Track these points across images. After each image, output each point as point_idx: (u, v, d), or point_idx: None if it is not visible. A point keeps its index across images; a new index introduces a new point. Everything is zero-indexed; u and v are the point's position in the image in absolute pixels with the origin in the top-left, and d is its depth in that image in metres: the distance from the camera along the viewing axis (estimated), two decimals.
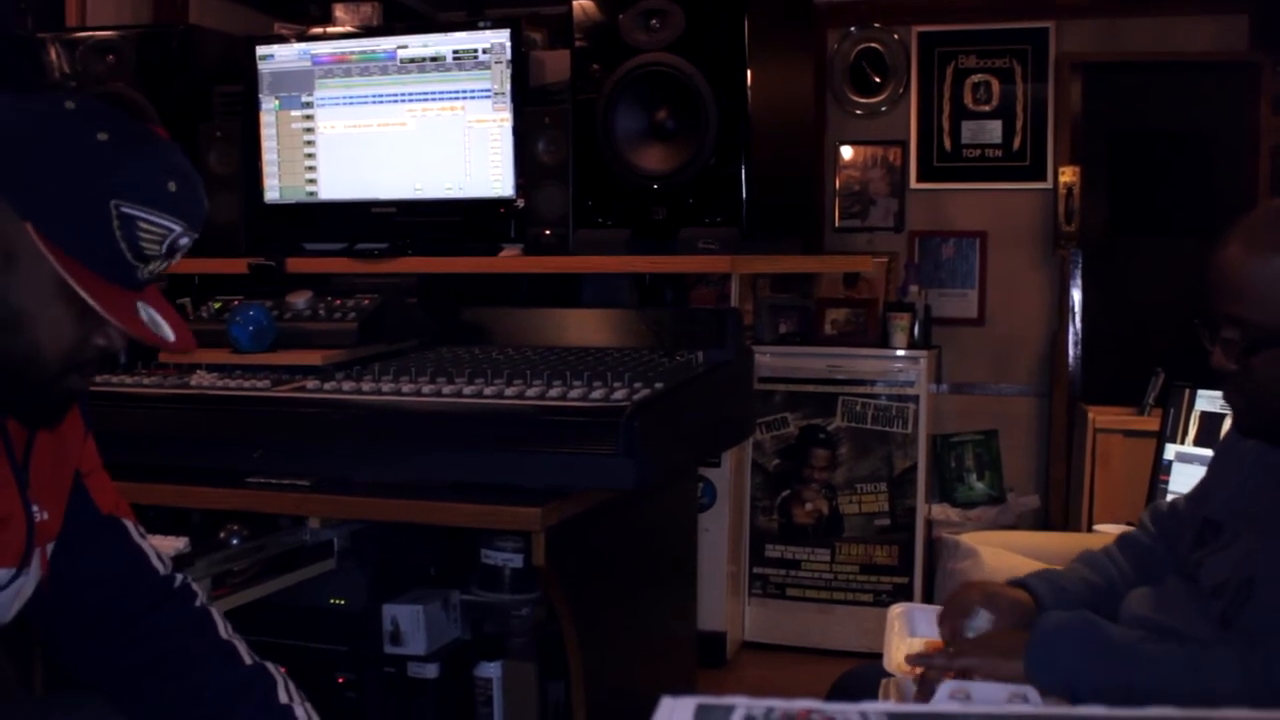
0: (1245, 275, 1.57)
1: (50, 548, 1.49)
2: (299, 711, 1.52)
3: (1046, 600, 1.78)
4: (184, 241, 1.37)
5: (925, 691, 1.62)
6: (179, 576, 1.61)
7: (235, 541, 1.99)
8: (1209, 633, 1.56)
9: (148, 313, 1.37)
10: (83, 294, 1.28)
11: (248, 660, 1.56)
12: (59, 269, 1.28)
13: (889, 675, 1.80)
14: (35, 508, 1.44)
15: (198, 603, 1.59)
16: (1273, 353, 1.56)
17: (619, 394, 1.99)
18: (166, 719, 1.54)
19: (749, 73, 2.44)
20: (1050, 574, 1.88)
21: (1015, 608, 1.77)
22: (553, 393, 2.03)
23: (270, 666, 1.56)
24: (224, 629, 1.58)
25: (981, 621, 1.77)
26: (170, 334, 1.40)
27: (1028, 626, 1.66)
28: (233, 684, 1.53)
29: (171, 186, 1.34)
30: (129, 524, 1.60)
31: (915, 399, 4.64)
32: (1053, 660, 1.55)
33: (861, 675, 1.92)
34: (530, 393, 2.04)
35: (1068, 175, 5.05)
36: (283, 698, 1.53)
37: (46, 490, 1.48)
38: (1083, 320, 5.09)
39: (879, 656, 1.85)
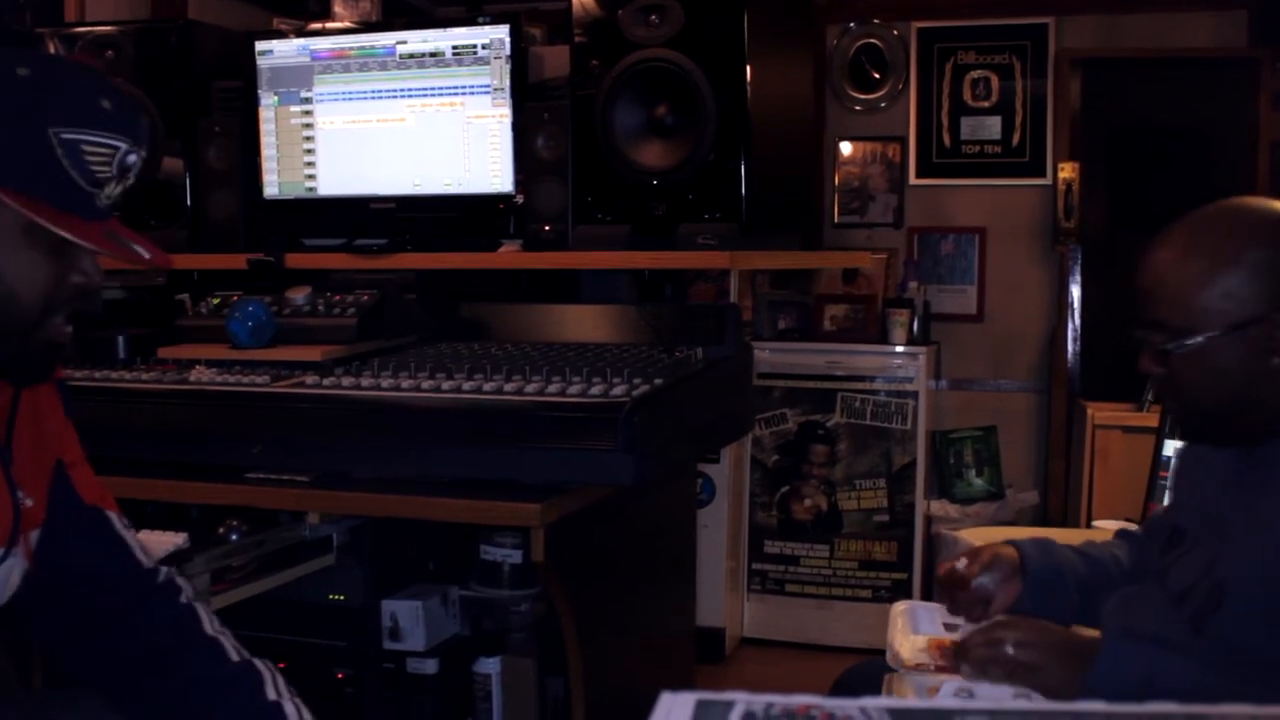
0: (1161, 278, 1.63)
1: (35, 536, 1.48)
2: (288, 708, 1.49)
3: (1031, 557, 1.85)
4: (132, 159, 1.36)
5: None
6: (164, 571, 1.59)
7: (234, 537, 1.99)
8: (1181, 637, 1.57)
9: (117, 238, 1.37)
10: (50, 227, 1.28)
11: (235, 656, 1.53)
12: (20, 210, 1.28)
13: (892, 671, 1.80)
14: (20, 492, 1.44)
15: (183, 598, 1.57)
16: (1189, 354, 1.60)
17: (618, 390, 1.99)
18: (154, 716, 1.52)
19: (748, 69, 2.44)
20: (1044, 541, 1.92)
21: (998, 560, 1.84)
22: (552, 388, 2.03)
23: (259, 662, 1.54)
24: (210, 624, 1.56)
25: (985, 579, 1.83)
26: (145, 251, 1.39)
27: (1014, 577, 1.81)
28: (219, 681, 1.50)
29: (106, 104, 1.33)
30: (113, 515, 1.59)
31: (914, 395, 4.64)
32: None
33: (864, 672, 1.92)
34: (529, 388, 2.04)
35: (1067, 171, 5.05)
36: (271, 694, 1.50)
37: (29, 475, 1.47)
38: (1082, 316, 5.09)
39: (879, 653, 1.85)
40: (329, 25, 2.87)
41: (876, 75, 5.34)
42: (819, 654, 4.58)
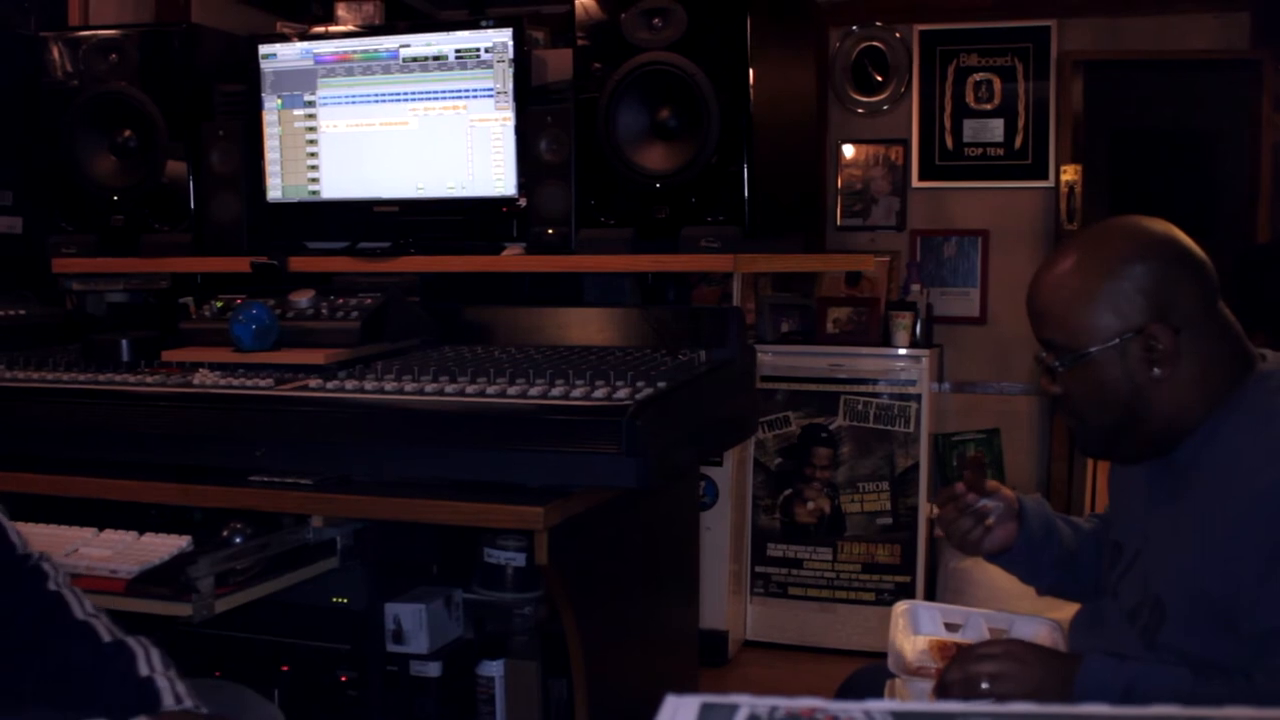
0: (1046, 298, 1.68)
1: None
2: (160, 683, 1.48)
3: (1029, 507, 1.91)
4: None
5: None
6: (33, 556, 1.60)
7: (238, 540, 1.99)
8: (1140, 654, 1.58)
9: None
10: None
11: (107, 637, 1.53)
12: None
13: (894, 676, 1.80)
14: None
15: (50, 585, 1.57)
16: (1077, 370, 1.65)
17: (621, 393, 1.99)
18: (25, 699, 1.52)
19: (751, 72, 2.44)
20: (1040, 499, 1.97)
21: (1000, 494, 1.90)
22: (555, 392, 2.03)
23: (133, 641, 1.53)
24: (80, 609, 1.56)
25: (989, 502, 1.89)
26: None
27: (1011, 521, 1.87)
28: (89, 662, 1.50)
29: None
30: None
31: (917, 398, 4.63)
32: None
33: (870, 675, 1.92)
34: (533, 392, 2.04)
35: (1069, 174, 5.04)
36: (143, 670, 1.49)
37: None
38: None
39: (884, 655, 1.86)
40: (331, 29, 2.88)
41: (879, 78, 5.33)
42: (822, 657, 4.58)
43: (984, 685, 1.54)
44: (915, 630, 1.91)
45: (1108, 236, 1.68)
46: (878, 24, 5.31)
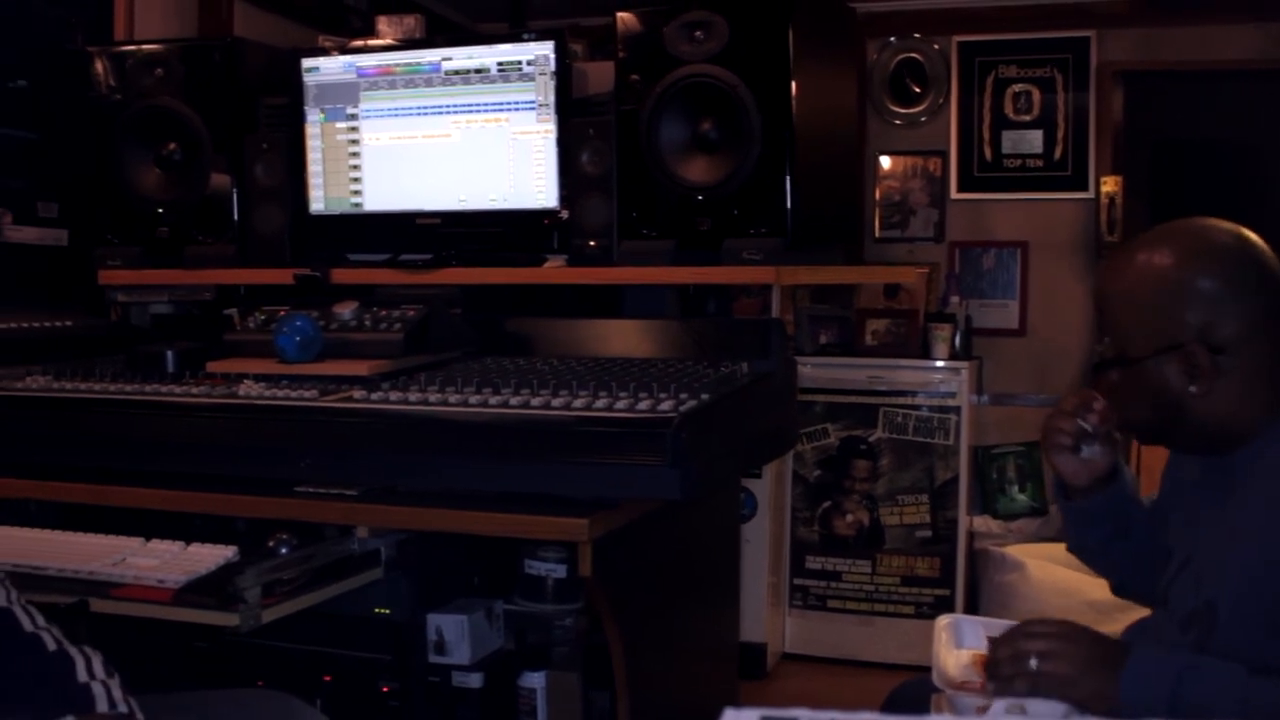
0: (1104, 294, 1.72)
1: None
2: (96, 689, 1.53)
3: (1124, 469, 1.89)
4: None
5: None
6: None
7: (283, 550, 2.00)
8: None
9: None
10: None
11: (52, 647, 1.56)
12: None
13: (939, 690, 1.79)
14: None
15: (1, 602, 1.59)
16: (1121, 370, 1.68)
17: (665, 405, 1.99)
18: None
19: (793, 84, 2.44)
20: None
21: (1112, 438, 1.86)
22: (599, 403, 2.03)
23: (75, 649, 1.57)
24: (30, 623, 1.58)
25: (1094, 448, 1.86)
26: None
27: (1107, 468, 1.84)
28: (32, 671, 1.54)
29: None
30: None
31: (957, 410, 4.62)
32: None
33: (915, 689, 1.91)
34: (576, 403, 2.04)
35: (1110, 185, 5.02)
36: (81, 677, 1.53)
37: None
38: None
39: (922, 669, 1.85)
40: (372, 42, 2.89)
41: (917, 89, 5.32)
42: (861, 670, 4.57)
43: (1032, 663, 1.52)
44: (958, 644, 1.89)
45: (1174, 242, 1.68)
46: (916, 35, 5.30)
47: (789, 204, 2.45)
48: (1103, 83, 5.08)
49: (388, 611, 2.33)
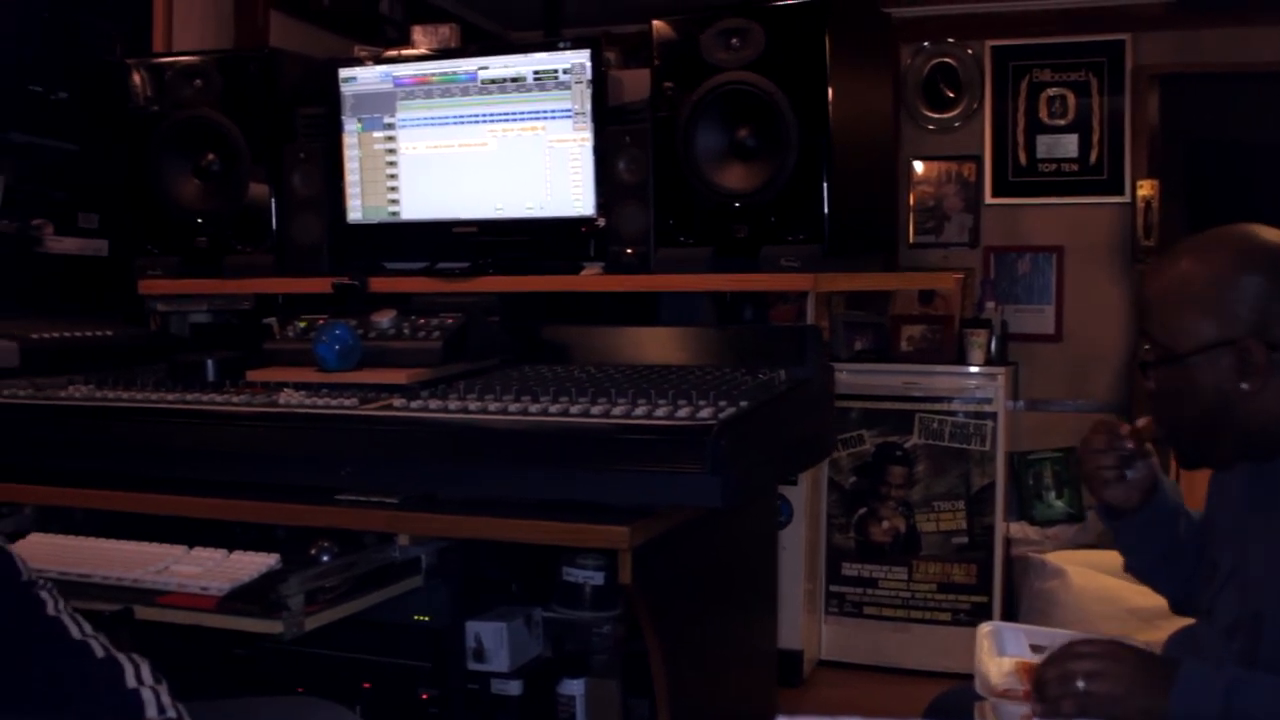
0: (1153, 294, 1.72)
1: None
2: (145, 694, 1.55)
3: (1166, 484, 1.90)
4: None
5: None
6: (35, 584, 1.63)
7: (325, 558, 2.01)
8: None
9: None
10: None
11: (100, 654, 1.58)
12: None
13: (982, 698, 1.78)
14: None
15: (49, 610, 1.61)
16: (1169, 370, 1.68)
17: (704, 412, 1.99)
18: (17, 714, 1.57)
19: (830, 90, 2.44)
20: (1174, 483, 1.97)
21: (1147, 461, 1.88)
22: (638, 411, 2.03)
23: (123, 656, 1.58)
24: (78, 631, 1.60)
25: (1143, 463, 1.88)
26: None
27: (1146, 486, 1.86)
28: (81, 678, 1.55)
29: None
30: None
31: (993, 416, 4.60)
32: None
33: (957, 697, 1.91)
34: (615, 411, 2.04)
35: (1146, 189, 4.99)
36: (130, 682, 1.55)
37: None
38: None
39: (959, 676, 1.84)
40: (405, 52, 2.90)
41: (950, 94, 5.31)
42: (898, 677, 4.55)
43: (1080, 684, 1.52)
44: (1000, 652, 1.88)
45: (1222, 244, 1.69)
46: (949, 40, 5.29)
47: (826, 210, 2.45)
48: (1138, 86, 5.06)
49: (427, 619, 2.34)
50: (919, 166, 5.35)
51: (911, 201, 5.34)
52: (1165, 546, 1.91)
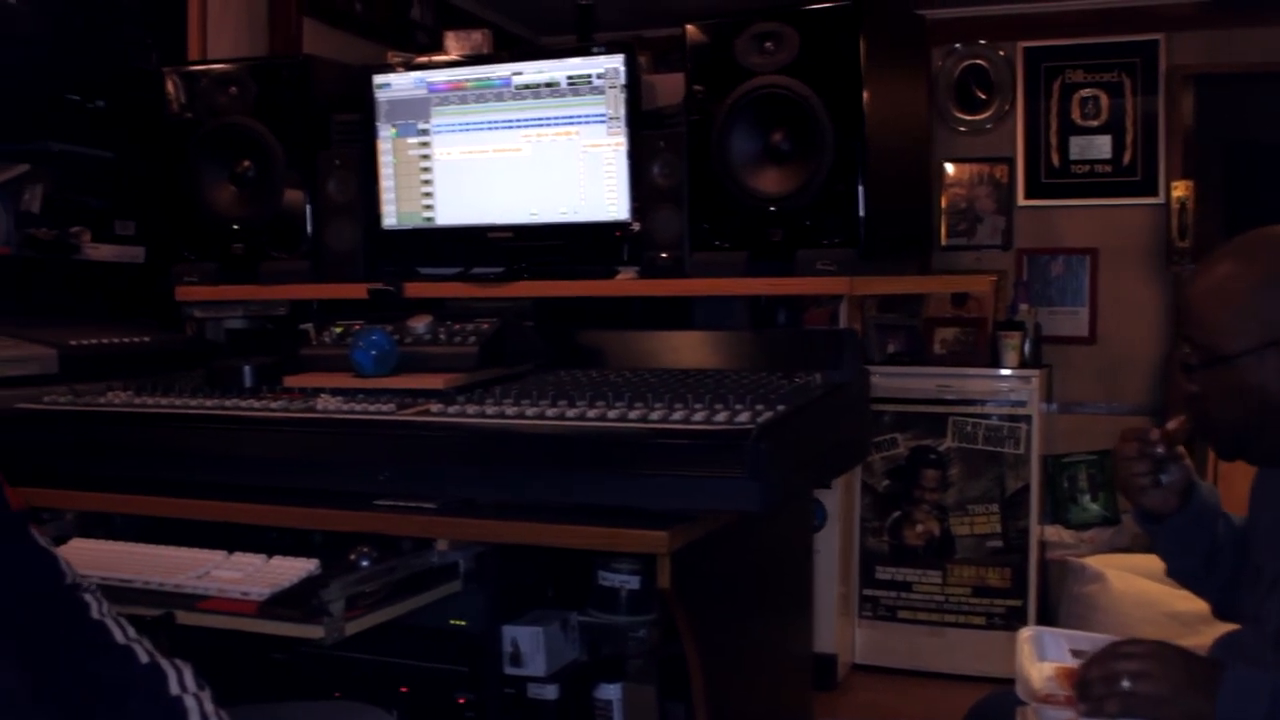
0: (1195, 296, 1.72)
1: None
2: (189, 701, 1.54)
3: (1202, 487, 1.89)
4: None
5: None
6: (80, 586, 1.64)
7: (364, 564, 2.01)
8: None
9: None
10: None
11: (144, 659, 1.58)
12: None
13: (1023, 703, 1.77)
14: None
15: (94, 614, 1.61)
16: (1212, 372, 1.68)
17: (742, 416, 1.98)
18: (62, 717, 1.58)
19: (865, 93, 2.43)
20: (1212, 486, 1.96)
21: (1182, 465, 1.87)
22: (675, 415, 2.03)
23: (166, 662, 1.58)
24: (121, 635, 1.60)
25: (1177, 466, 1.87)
26: None
27: (1181, 491, 1.85)
28: (125, 684, 1.55)
29: None
30: (34, 527, 1.65)
31: (1027, 419, 4.58)
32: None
33: (998, 702, 1.90)
34: (653, 416, 2.04)
35: (1180, 190, 4.96)
36: (174, 689, 1.55)
37: None
38: None
39: (994, 680, 1.84)
40: (435, 58, 2.91)
41: (982, 95, 5.29)
42: (932, 681, 4.53)
43: (1125, 684, 1.51)
44: (1041, 657, 1.88)
45: (1264, 244, 1.69)
46: (981, 42, 5.27)
47: (862, 214, 2.44)
48: (1172, 86, 5.03)
49: (463, 623, 2.34)
50: (950, 168, 5.33)
51: (943, 204, 5.32)
52: (1205, 549, 1.90)
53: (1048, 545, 4.69)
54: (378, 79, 2.90)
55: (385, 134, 2.90)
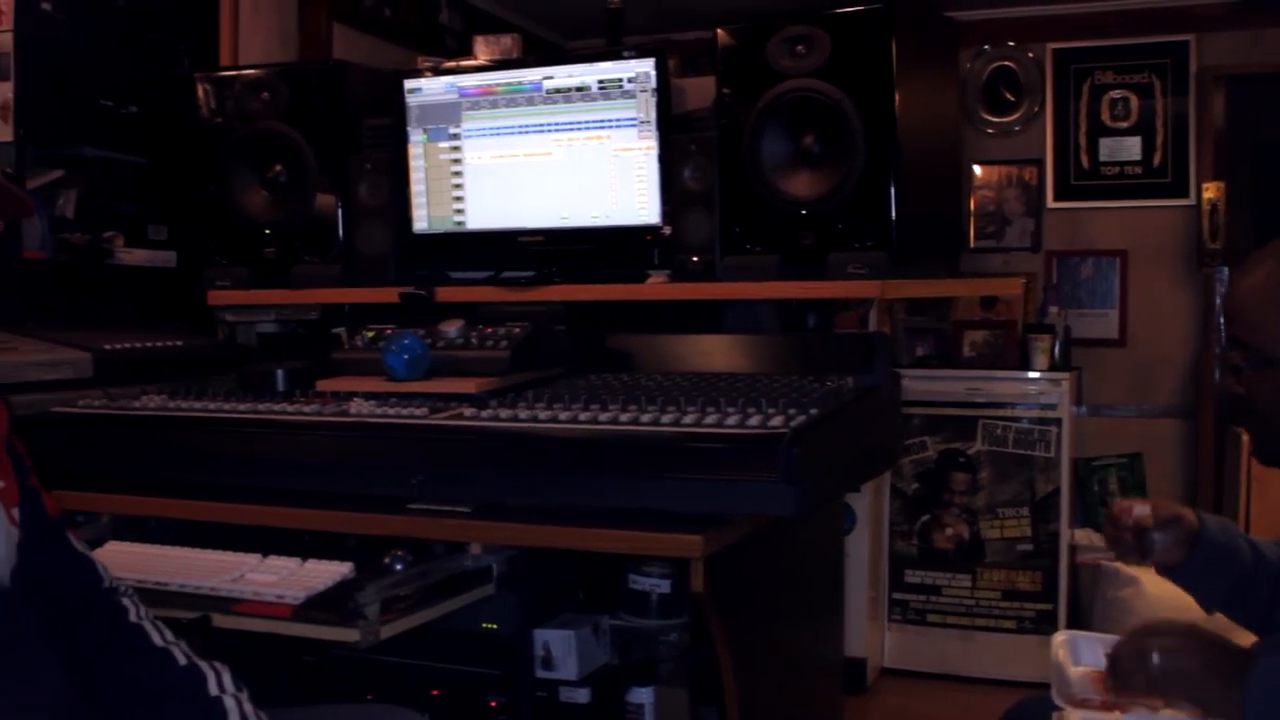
0: (1242, 298, 1.70)
1: (15, 513, 1.54)
2: (228, 702, 1.56)
3: (1211, 532, 1.88)
4: None
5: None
6: (117, 590, 1.66)
7: (398, 567, 2.02)
8: None
9: None
10: None
11: (183, 661, 1.60)
12: None
13: (1059, 709, 1.76)
14: None
15: (131, 618, 1.64)
16: (1262, 374, 1.67)
17: (775, 420, 1.98)
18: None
19: (897, 96, 2.43)
20: (1226, 521, 1.95)
21: (1180, 516, 1.88)
22: (708, 419, 2.03)
23: (204, 664, 1.60)
24: (159, 638, 1.63)
25: (1139, 509, 1.89)
26: None
27: (1185, 542, 1.86)
28: (165, 686, 1.58)
29: None
30: (71, 532, 1.67)
31: (1057, 422, 4.56)
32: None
33: (1034, 706, 1.89)
34: (686, 419, 2.04)
35: (1211, 191, 4.93)
36: (213, 690, 1.57)
37: None
38: None
39: (1024, 685, 1.84)
40: (465, 63, 2.91)
41: (1011, 97, 5.28)
42: (961, 686, 4.52)
43: (1155, 659, 1.51)
44: (1076, 661, 1.87)
45: None
46: (1010, 43, 5.25)
47: (893, 217, 2.43)
48: (1203, 87, 5.00)
49: (495, 626, 2.35)
50: (978, 170, 5.31)
51: (972, 206, 5.30)
52: (1230, 583, 1.89)
53: (1078, 549, 4.66)
54: (409, 83, 2.90)
55: (416, 138, 2.90)
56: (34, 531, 1.59)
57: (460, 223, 2.88)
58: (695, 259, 2.60)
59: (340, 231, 2.96)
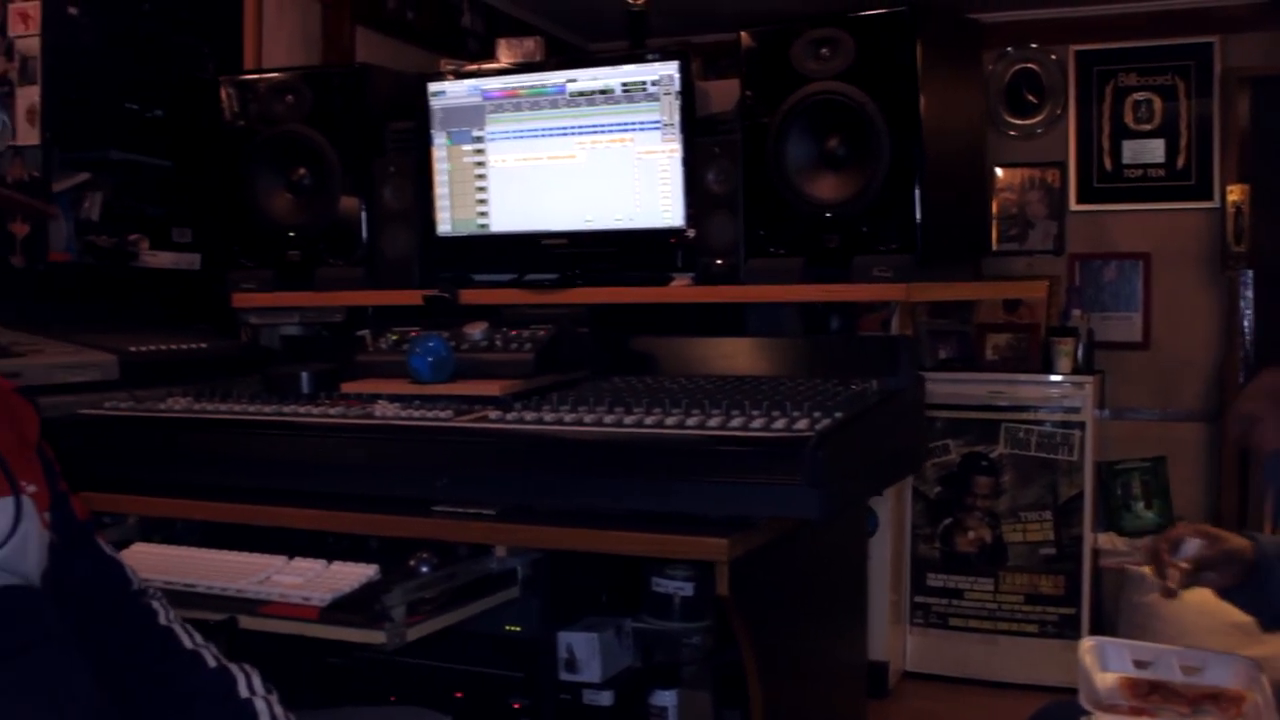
0: None
1: (47, 516, 1.54)
2: (259, 704, 1.57)
3: (1269, 550, 1.85)
4: None
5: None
6: (146, 593, 1.66)
7: (424, 569, 2.02)
8: None
9: None
10: None
11: (212, 664, 1.60)
12: None
13: (1087, 713, 1.75)
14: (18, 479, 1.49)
15: (161, 620, 1.64)
16: None
17: (800, 423, 1.98)
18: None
19: (921, 99, 2.42)
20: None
21: (1232, 554, 1.87)
22: (733, 423, 2.03)
23: (235, 666, 1.61)
24: (189, 640, 1.63)
25: (1191, 548, 1.88)
26: None
27: (1236, 570, 1.84)
28: (194, 687, 1.58)
29: None
30: (99, 535, 1.68)
31: (1080, 425, 4.54)
32: None
33: (1061, 711, 1.88)
34: (711, 423, 2.04)
35: (1236, 194, 4.91)
36: (243, 693, 1.57)
37: (13, 450, 1.52)
38: (1254, 343, 4.92)
39: (1047, 689, 1.83)
40: (488, 66, 2.92)
41: (1033, 100, 5.26)
42: (984, 690, 4.50)
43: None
44: (1103, 667, 1.87)
45: None
46: (1033, 45, 5.23)
47: (918, 220, 2.43)
48: (1227, 88, 4.98)
49: (519, 629, 2.35)
50: (1001, 173, 5.30)
51: (994, 209, 5.29)
52: None
53: (1101, 553, 4.64)
54: (432, 87, 2.91)
55: (440, 141, 2.91)
56: (64, 535, 1.59)
57: (484, 225, 2.89)
58: (719, 262, 2.59)
59: (364, 234, 2.97)
